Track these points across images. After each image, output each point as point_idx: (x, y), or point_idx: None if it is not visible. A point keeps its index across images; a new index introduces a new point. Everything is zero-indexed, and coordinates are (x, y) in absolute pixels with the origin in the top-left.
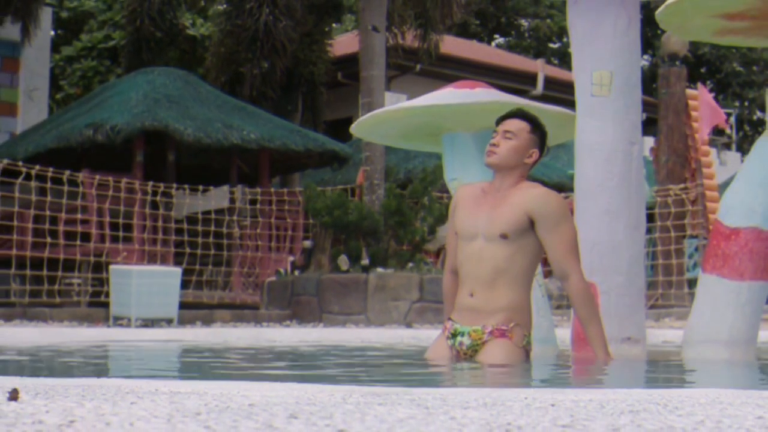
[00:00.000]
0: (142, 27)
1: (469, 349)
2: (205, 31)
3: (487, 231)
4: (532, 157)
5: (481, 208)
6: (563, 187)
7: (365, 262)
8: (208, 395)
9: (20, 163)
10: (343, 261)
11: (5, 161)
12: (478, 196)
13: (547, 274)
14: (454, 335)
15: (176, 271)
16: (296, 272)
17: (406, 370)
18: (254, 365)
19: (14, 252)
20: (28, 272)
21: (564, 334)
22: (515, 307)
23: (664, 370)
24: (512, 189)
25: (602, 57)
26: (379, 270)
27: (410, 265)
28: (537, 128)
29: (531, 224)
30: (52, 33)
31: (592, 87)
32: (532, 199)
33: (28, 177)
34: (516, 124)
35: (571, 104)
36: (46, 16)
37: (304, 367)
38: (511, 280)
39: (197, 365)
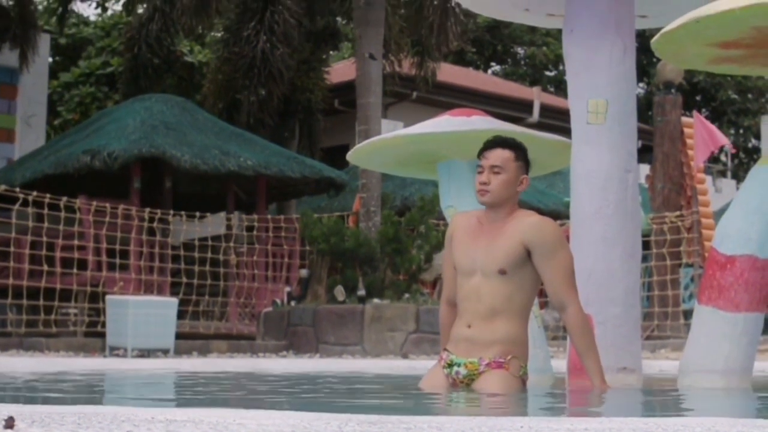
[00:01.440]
0: (140, 54)
1: (465, 378)
2: (202, 58)
3: (485, 267)
4: (522, 184)
5: (477, 242)
6: (559, 214)
7: (362, 292)
8: (203, 423)
9: (17, 189)
10: (340, 292)
11: (2, 187)
12: (474, 229)
13: (543, 305)
14: (450, 365)
15: (173, 302)
16: (293, 303)
17: (402, 399)
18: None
19: (11, 281)
20: (24, 302)
21: (560, 365)
22: (512, 341)
23: (660, 398)
24: (507, 219)
25: (598, 85)
26: (376, 301)
27: (406, 295)
28: (520, 152)
29: (528, 254)
30: (50, 59)
31: (588, 115)
32: (528, 229)
33: (25, 203)
34: (500, 156)
35: (567, 132)
36: (44, 42)
37: (300, 394)
38: (510, 316)
39: (193, 393)
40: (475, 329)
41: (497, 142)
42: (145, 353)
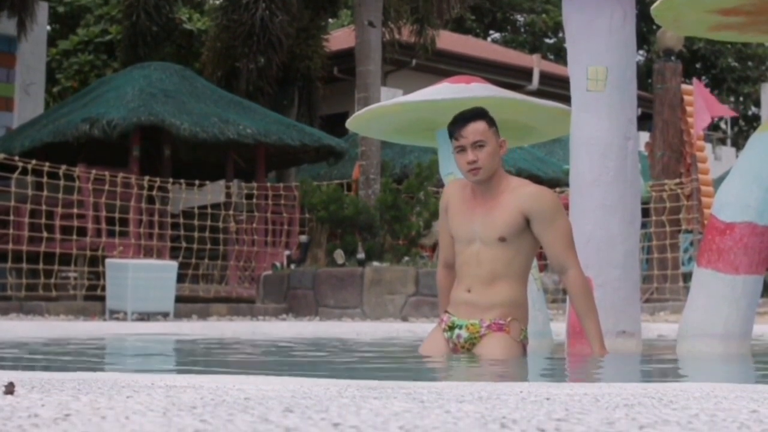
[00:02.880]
0: (139, 22)
1: (466, 342)
2: (201, 26)
3: (484, 235)
4: (503, 147)
5: (474, 212)
6: (559, 182)
7: (361, 256)
8: (203, 389)
9: (16, 158)
10: (339, 255)
11: (1, 156)
12: (470, 199)
13: (543, 268)
14: (451, 328)
15: (172, 265)
16: (292, 266)
17: (403, 363)
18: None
19: (11, 246)
20: (24, 266)
21: (559, 327)
22: (513, 303)
23: (659, 364)
24: (502, 189)
25: (597, 52)
26: (375, 264)
27: (406, 259)
28: (489, 118)
29: (527, 223)
30: (48, 28)
31: (588, 82)
32: (526, 199)
33: (24, 172)
34: (478, 130)
35: (566, 99)
36: (42, 10)
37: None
38: (509, 279)
39: (193, 359)
40: (475, 293)
41: (467, 117)
42: (144, 317)
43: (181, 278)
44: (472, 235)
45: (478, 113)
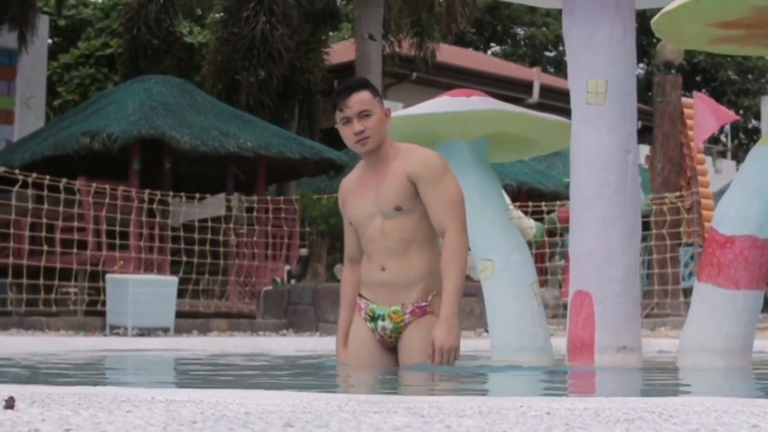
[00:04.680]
0: (139, 35)
1: (393, 333)
2: (201, 39)
3: (382, 207)
4: (388, 116)
5: (368, 189)
6: (559, 195)
7: None
8: (203, 403)
9: (17, 171)
10: (340, 270)
11: (2, 169)
12: (361, 180)
13: (543, 283)
14: (373, 318)
15: (172, 281)
16: (293, 281)
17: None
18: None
19: (11, 261)
20: (24, 281)
21: (560, 343)
22: (430, 274)
23: (660, 379)
24: (392, 157)
25: (597, 66)
26: None
27: None
28: (373, 88)
29: (416, 188)
30: (49, 41)
31: (588, 95)
32: (412, 163)
33: (24, 185)
34: (363, 99)
35: (566, 112)
36: (42, 24)
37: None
38: (420, 245)
39: (192, 374)
40: (390, 272)
41: (351, 87)
42: (145, 332)
43: (181, 293)
44: (371, 210)
45: (361, 83)
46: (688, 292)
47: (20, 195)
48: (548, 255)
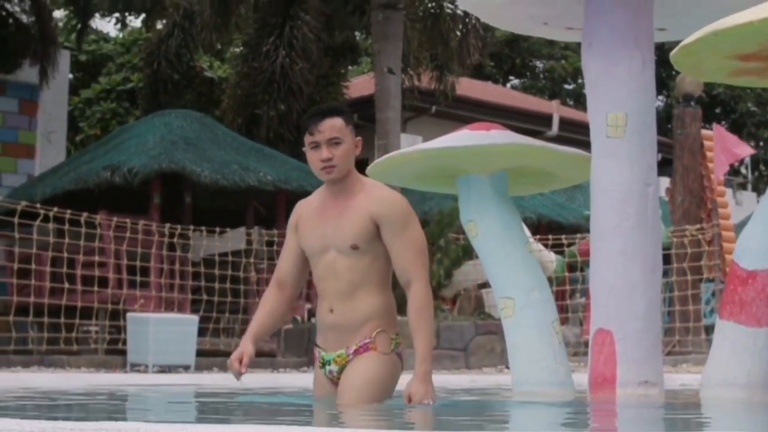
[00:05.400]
0: (160, 70)
1: (339, 375)
2: (222, 74)
3: (337, 242)
4: (358, 146)
5: (326, 219)
6: (579, 228)
7: None
8: None
9: (38, 205)
10: None
11: (23, 203)
12: (320, 208)
13: (564, 321)
14: (323, 364)
15: (193, 319)
16: (313, 319)
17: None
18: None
19: (32, 299)
20: (45, 320)
21: (581, 378)
22: (377, 314)
23: (682, 412)
24: (357, 190)
25: (617, 99)
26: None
27: None
28: (347, 116)
29: (378, 228)
30: (70, 76)
31: (607, 128)
32: (377, 203)
33: (46, 219)
34: (335, 126)
35: (586, 145)
36: (63, 59)
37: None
38: (370, 288)
39: (214, 409)
40: (337, 313)
41: (324, 112)
42: (165, 369)
43: (202, 332)
44: (325, 243)
45: (335, 109)
46: (709, 329)
47: (41, 229)
48: (569, 292)
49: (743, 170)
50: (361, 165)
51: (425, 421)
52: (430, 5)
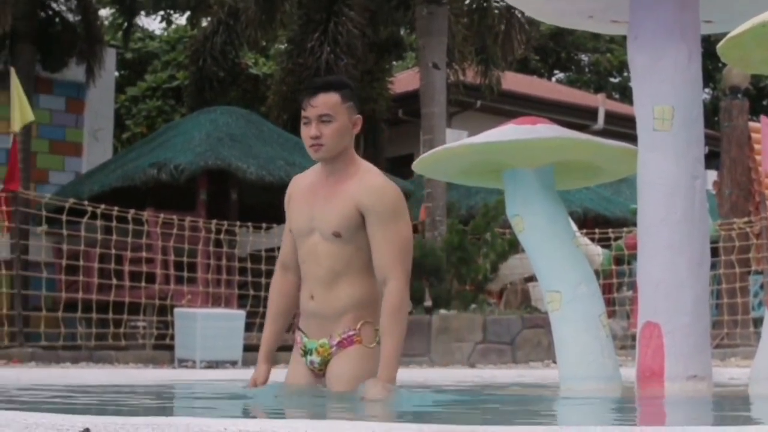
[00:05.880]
0: (205, 67)
1: (321, 366)
2: (267, 70)
3: (321, 227)
4: (357, 125)
5: (315, 200)
6: (626, 222)
7: (428, 303)
8: None
9: (86, 203)
10: None
11: (71, 201)
12: (312, 186)
13: (611, 314)
14: (305, 353)
15: (240, 314)
16: None
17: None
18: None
19: (80, 295)
20: (94, 315)
21: (629, 372)
22: (360, 304)
23: (731, 408)
24: (350, 174)
25: (663, 92)
26: (442, 311)
27: (473, 306)
28: (347, 91)
29: (363, 218)
30: (116, 74)
31: (654, 122)
32: (365, 193)
33: (93, 216)
34: (328, 102)
35: (632, 139)
36: (110, 57)
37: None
38: (352, 278)
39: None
40: (318, 300)
41: (320, 86)
42: (213, 365)
43: (249, 327)
44: (311, 225)
45: (333, 83)
46: (758, 322)
47: (89, 226)
48: (616, 286)
49: None
50: (407, 160)
51: (471, 416)
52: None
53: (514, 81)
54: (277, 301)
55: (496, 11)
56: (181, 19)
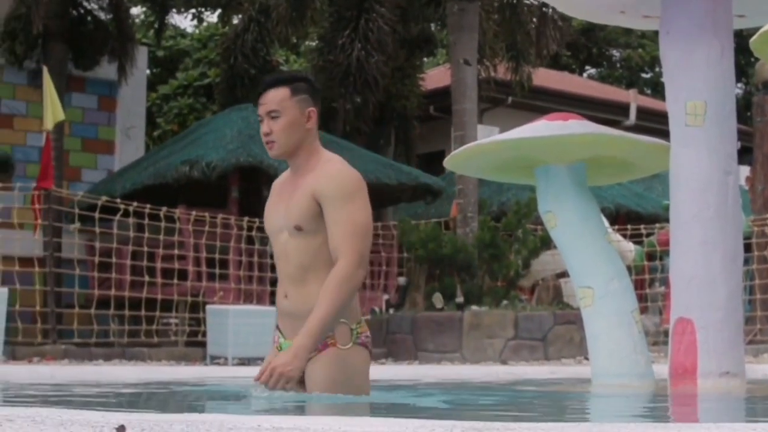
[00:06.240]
0: (236, 64)
1: None
2: (297, 67)
3: (287, 223)
4: (311, 119)
5: (282, 198)
6: (658, 218)
7: (460, 300)
8: (309, 430)
9: (118, 200)
10: (438, 299)
11: (103, 198)
12: (281, 186)
13: (644, 310)
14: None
15: (272, 311)
16: (391, 311)
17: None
18: None
19: (113, 292)
20: (126, 312)
21: (661, 369)
22: None
23: (765, 404)
24: (308, 168)
25: (695, 87)
26: (474, 308)
27: (505, 302)
28: (298, 84)
29: (321, 207)
30: (148, 72)
31: (686, 117)
32: (320, 180)
33: (125, 214)
34: (275, 98)
35: (664, 134)
36: (141, 55)
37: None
38: (323, 273)
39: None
40: (291, 299)
41: (269, 82)
42: (245, 362)
43: None
44: (279, 223)
45: (282, 78)
46: None
47: (121, 224)
48: (648, 282)
49: None
50: (438, 157)
51: (497, 414)
52: None
53: (545, 77)
54: None
55: (525, 8)
56: (212, 17)
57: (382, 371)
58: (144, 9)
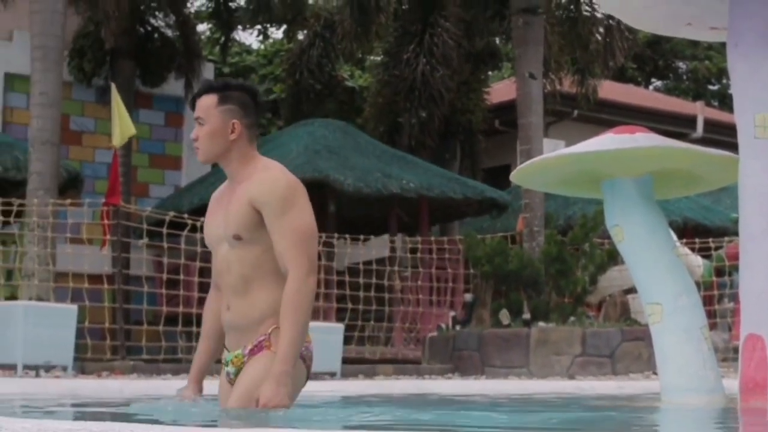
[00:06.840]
0: (302, 80)
1: (236, 377)
2: (363, 83)
3: (226, 233)
4: (235, 131)
5: (219, 209)
6: (726, 231)
7: (526, 316)
8: None
9: (185, 216)
10: (505, 315)
11: (171, 214)
12: (219, 196)
13: (713, 326)
14: (226, 364)
15: (339, 327)
16: (457, 327)
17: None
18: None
19: (181, 309)
20: (194, 329)
21: (732, 384)
22: (273, 309)
23: None
24: (244, 175)
25: (764, 99)
26: (541, 324)
27: (572, 318)
28: (228, 93)
29: (261, 217)
30: None
31: (755, 129)
32: (256, 187)
33: (193, 229)
34: (202, 105)
35: (732, 147)
36: (208, 71)
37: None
38: (263, 282)
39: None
40: (233, 311)
41: (203, 87)
42: (312, 377)
43: (347, 340)
44: (218, 234)
45: (215, 87)
46: None
47: (189, 239)
48: (717, 297)
49: None
50: (504, 171)
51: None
52: (570, 8)
53: (610, 90)
54: (209, 318)
55: (588, 21)
56: (277, 33)
57: (447, 386)
58: (210, 26)
